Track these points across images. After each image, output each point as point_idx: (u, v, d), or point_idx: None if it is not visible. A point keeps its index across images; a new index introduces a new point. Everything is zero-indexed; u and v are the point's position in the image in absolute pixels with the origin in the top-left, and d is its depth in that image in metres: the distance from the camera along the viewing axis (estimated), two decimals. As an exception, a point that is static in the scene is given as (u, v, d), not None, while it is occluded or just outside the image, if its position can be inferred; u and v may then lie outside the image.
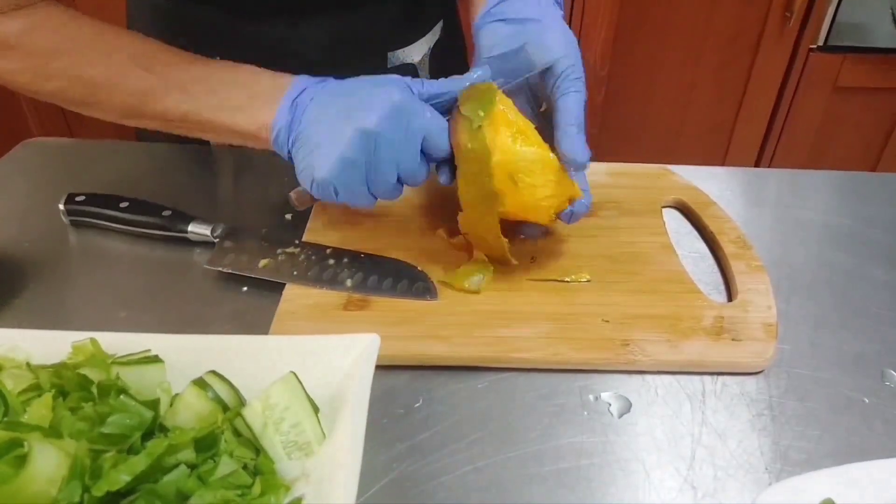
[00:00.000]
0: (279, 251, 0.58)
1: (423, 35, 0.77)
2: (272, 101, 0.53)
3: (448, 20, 0.82)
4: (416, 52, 0.77)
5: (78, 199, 0.62)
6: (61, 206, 0.62)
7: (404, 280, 0.55)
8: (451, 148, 0.52)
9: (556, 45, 0.54)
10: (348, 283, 0.55)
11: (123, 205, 0.61)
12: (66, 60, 0.54)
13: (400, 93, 0.51)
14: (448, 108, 0.54)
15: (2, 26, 0.52)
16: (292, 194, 0.57)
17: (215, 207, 0.67)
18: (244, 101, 0.54)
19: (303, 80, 0.54)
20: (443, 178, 0.56)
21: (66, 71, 0.54)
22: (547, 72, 0.54)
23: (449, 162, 0.54)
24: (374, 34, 0.69)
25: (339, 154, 0.50)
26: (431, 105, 0.53)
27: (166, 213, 0.60)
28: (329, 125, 0.51)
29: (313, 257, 0.57)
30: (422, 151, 0.52)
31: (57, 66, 0.54)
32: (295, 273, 0.56)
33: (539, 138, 0.52)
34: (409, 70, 0.77)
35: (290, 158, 0.54)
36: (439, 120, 0.52)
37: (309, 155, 0.51)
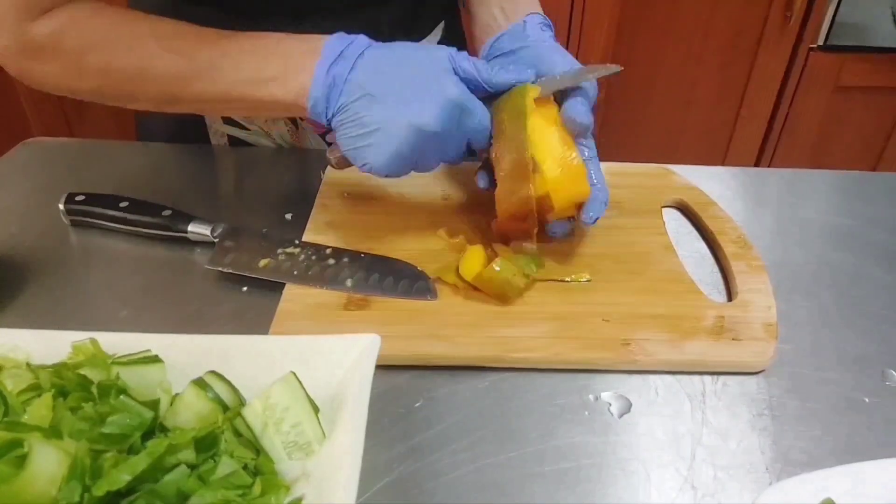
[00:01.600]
0: (279, 251, 0.58)
1: (425, 36, 0.77)
2: (304, 68, 0.52)
3: (449, 21, 0.82)
4: None
5: (78, 198, 0.62)
6: (61, 206, 0.62)
7: (404, 280, 0.55)
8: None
9: (561, 65, 0.58)
10: (348, 282, 0.55)
11: (123, 204, 0.61)
12: (95, 57, 0.54)
13: (455, 86, 0.52)
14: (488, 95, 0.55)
15: (33, 30, 0.52)
16: (332, 157, 0.57)
17: (215, 207, 0.67)
18: (273, 71, 0.53)
19: (335, 43, 0.53)
20: (481, 183, 0.58)
21: (98, 67, 0.54)
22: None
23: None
24: (377, 35, 0.69)
25: (394, 149, 0.51)
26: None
27: (166, 212, 0.60)
28: (382, 111, 0.51)
29: (313, 257, 0.57)
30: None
31: (88, 64, 0.54)
32: (295, 273, 0.56)
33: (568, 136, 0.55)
34: None
35: (330, 126, 0.53)
36: (486, 117, 0.54)
37: (362, 137, 0.52)
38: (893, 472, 0.40)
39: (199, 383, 0.40)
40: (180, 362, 0.42)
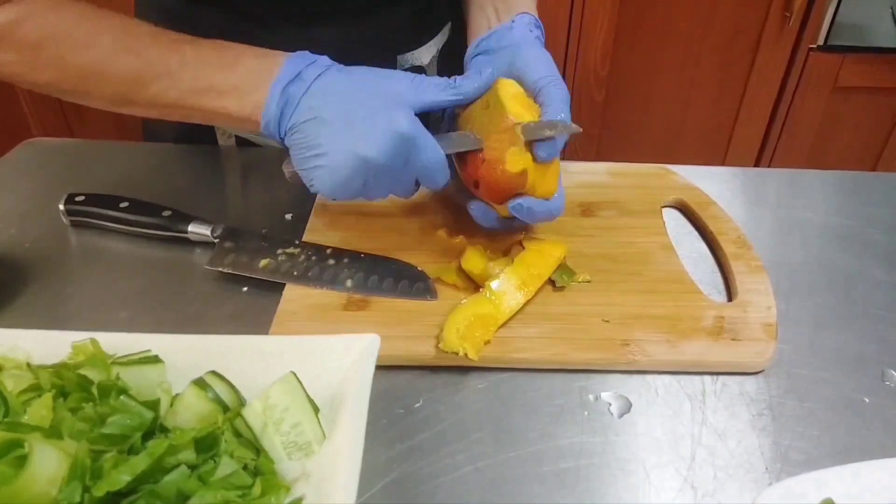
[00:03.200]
0: (279, 251, 0.58)
1: (433, 37, 0.77)
2: (260, 84, 0.52)
3: (455, 21, 0.82)
4: (426, 54, 0.77)
5: (78, 199, 0.62)
6: (61, 207, 0.62)
7: (404, 280, 0.55)
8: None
9: (535, 68, 0.56)
10: (348, 283, 0.55)
11: (123, 205, 0.61)
12: (53, 50, 0.53)
13: (406, 120, 0.50)
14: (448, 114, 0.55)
15: None
16: (285, 170, 0.56)
17: (215, 208, 0.67)
18: (230, 85, 0.53)
19: (293, 63, 0.52)
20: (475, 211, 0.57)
21: (55, 61, 0.53)
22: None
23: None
24: (385, 38, 0.69)
25: (340, 176, 0.51)
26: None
27: (166, 213, 0.61)
28: (330, 136, 0.51)
29: (314, 257, 0.57)
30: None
31: (46, 57, 0.53)
32: (295, 273, 0.56)
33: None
34: (417, 72, 0.77)
35: (283, 144, 0.53)
36: (438, 155, 0.52)
37: (308, 160, 0.52)
38: (893, 472, 0.40)
39: (199, 383, 0.40)
40: (180, 362, 0.42)
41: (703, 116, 1.79)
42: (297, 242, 0.59)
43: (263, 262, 0.56)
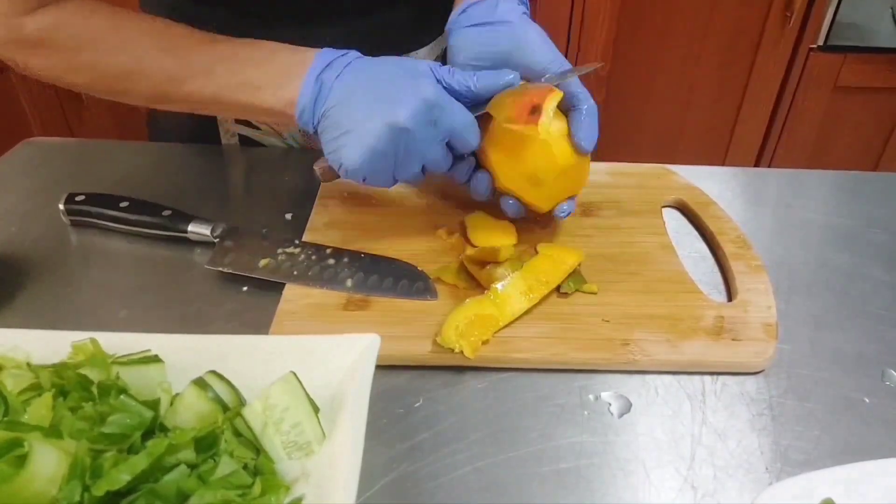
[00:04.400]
0: (279, 251, 0.58)
1: (435, 38, 0.77)
2: (295, 77, 0.53)
3: None
4: (430, 54, 0.77)
5: (78, 198, 0.62)
6: (61, 206, 0.62)
7: (404, 280, 0.55)
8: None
9: (541, 51, 0.56)
10: (348, 282, 0.55)
11: (123, 204, 0.61)
12: (91, 53, 0.54)
13: (431, 87, 0.52)
14: (475, 104, 0.55)
15: (30, 24, 0.53)
16: (317, 168, 0.58)
17: (215, 207, 0.67)
18: (266, 79, 0.54)
19: (326, 54, 0.54)
20: (459, 176, 0.58)
21: (93, 63, 0.55)
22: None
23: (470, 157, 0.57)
24: (386, 39, 0.69)
25: (368, 146, 0.51)
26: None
27: (166, 212, 0.61)
28: (358, 112, 0.52)
29: (313, 257, 0.57)
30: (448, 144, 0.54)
31: (84, 60, 0.55)
32: (295, 273, 0.56)
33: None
34: None
35: (317, 133, 0.55)
36: (467, 116, 0.54)
37: (337, 139, 0.52)
38: (893, 472, 0.40)
39: (199, 383, 0.40)
40: (180, 362, 0.42)
41: (704, 116, 1.79)
42: (297, 242, 0.59)
43: (263, 262, 0.56)
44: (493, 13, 0.58)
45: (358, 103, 0.52)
